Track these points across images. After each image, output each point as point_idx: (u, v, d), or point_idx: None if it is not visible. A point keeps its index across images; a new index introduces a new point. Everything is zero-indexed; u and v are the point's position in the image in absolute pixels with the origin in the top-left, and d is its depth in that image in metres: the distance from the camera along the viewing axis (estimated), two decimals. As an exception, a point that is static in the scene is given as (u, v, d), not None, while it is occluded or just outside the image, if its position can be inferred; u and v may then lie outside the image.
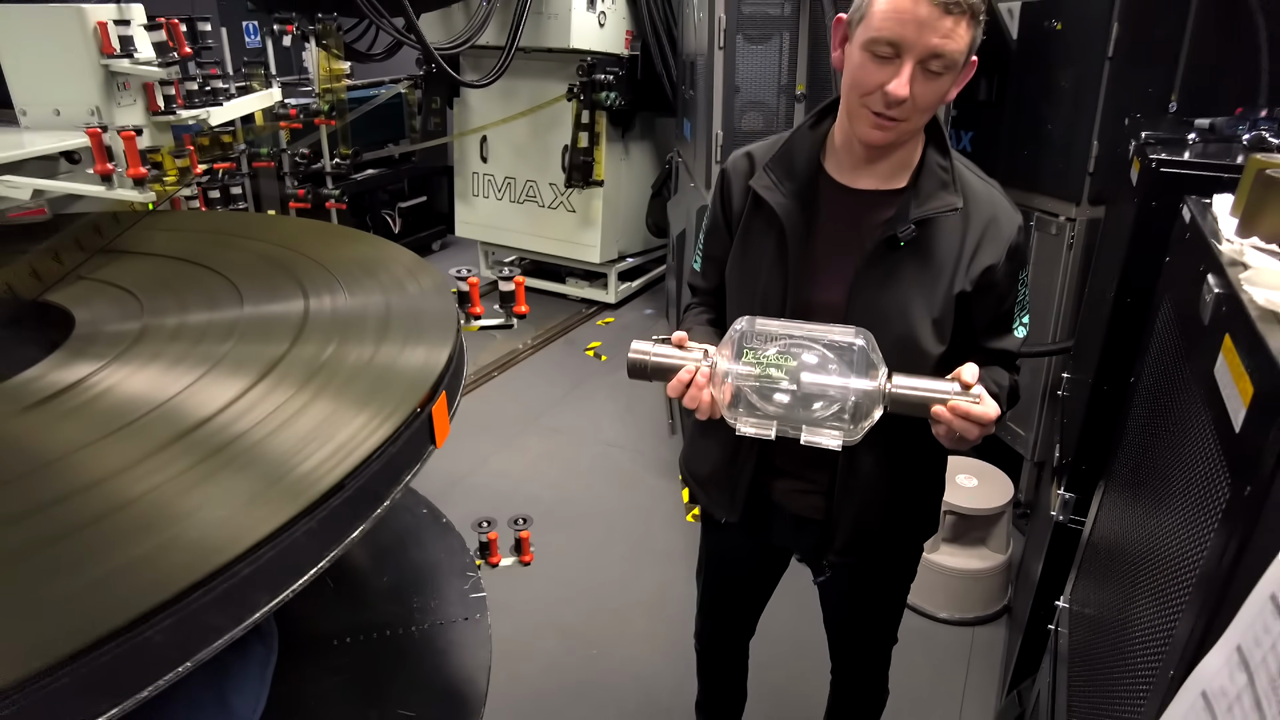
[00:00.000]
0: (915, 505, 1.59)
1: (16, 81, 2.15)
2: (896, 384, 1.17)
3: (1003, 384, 1.40)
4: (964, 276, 1.33)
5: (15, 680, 0.70)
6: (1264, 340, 0.73)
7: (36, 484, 1.05)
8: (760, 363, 1.18)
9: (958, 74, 1.22)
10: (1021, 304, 1.43)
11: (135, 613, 0.77)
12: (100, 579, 0.84)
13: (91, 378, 1.33)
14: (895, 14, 1.15)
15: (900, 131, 1.26)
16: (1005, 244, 1.34)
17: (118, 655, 0.76)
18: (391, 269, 1.69)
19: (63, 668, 0.73)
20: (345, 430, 1.09)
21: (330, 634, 1.75)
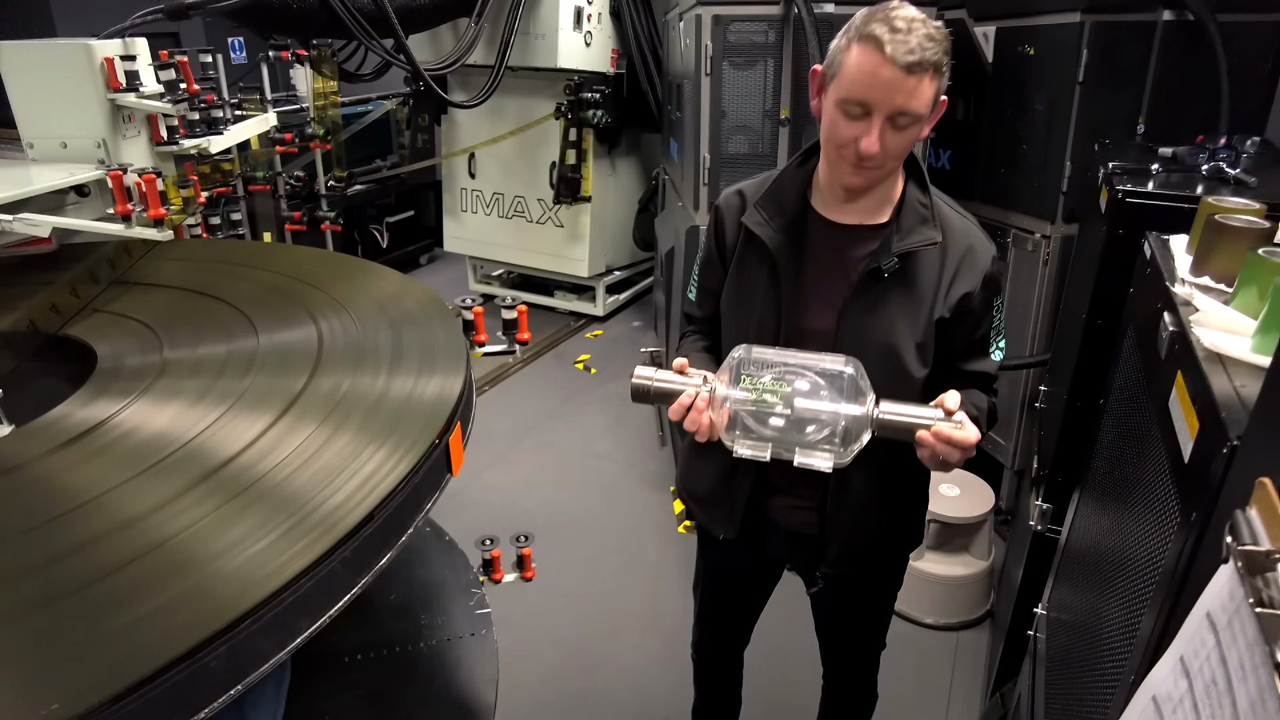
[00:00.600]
0: (902, 519, 1.68)
1: (24, 116, 2.20)
2: (884, 410, 1.26)
3: (981, 406, 1.49)
4: (943, 304, 1.42)
5: (89, 707, 0.77)
6: (1208, 381, 0.82)
7: (76, 522, 1.11)
8: (756, 389, 1.26)
9: (925, 120, 1.32)
10: (997, 329, 1.52)
11: (194, 641, 0.84)
12: (155, 611, 0.91)
13: (117, 416, 1.39)
14: (863, 77, 1.25)
15: (873, 178, 1.36)
16: (981, 273, 1.44)
17: (179, 681, 0.83)
18: (401, 301, 1.76)
19: (131, 694, 0.79)
20: (370, 464, 1.16)
21: (342, 651, 1.81)
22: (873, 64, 1.22)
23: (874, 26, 1.22)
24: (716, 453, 1.52)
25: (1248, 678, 0.51)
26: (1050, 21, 2.88)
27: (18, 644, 0.90)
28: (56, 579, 1.01)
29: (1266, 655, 0.48)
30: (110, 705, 0.78)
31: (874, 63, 1.22)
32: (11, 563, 1.05)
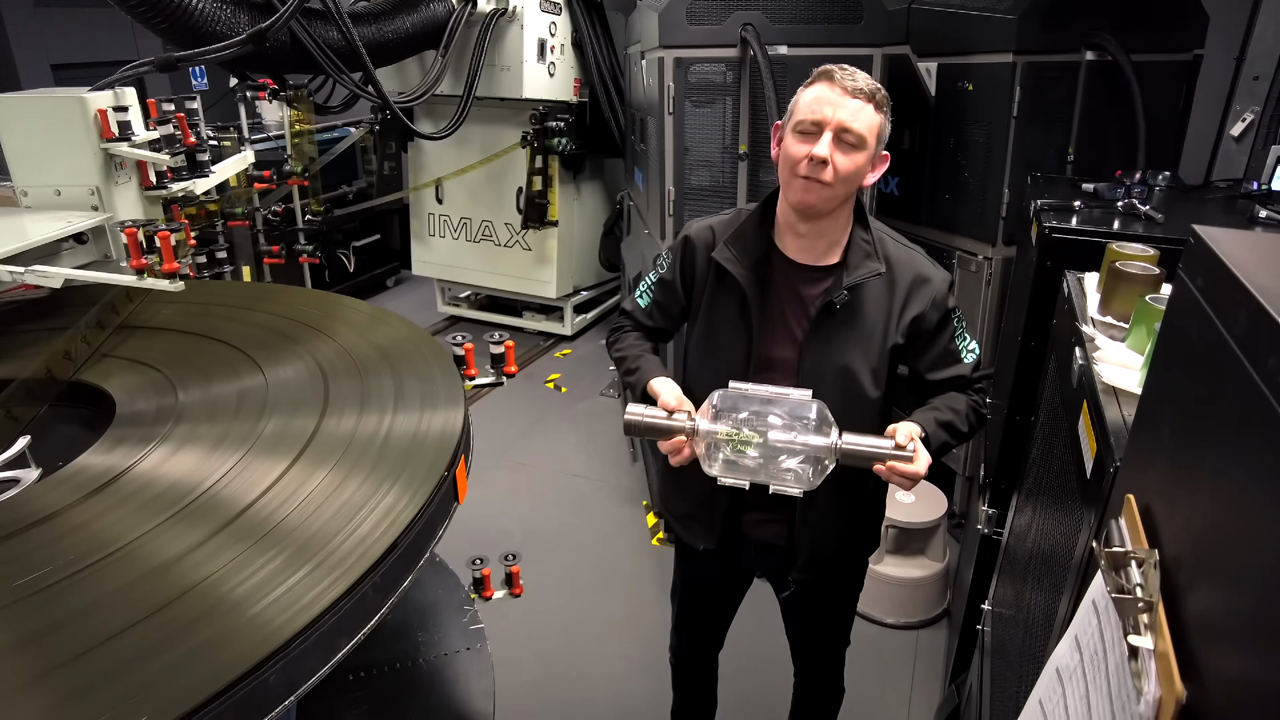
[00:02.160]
0: (862, 528, 1.86)
1: (18, 165, 2.28)
2: (845, 442, 1.42)
3: (958, 408, 1.63)
4: (895, 330, 1.60)
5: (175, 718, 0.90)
6: (1104, 412, 1.01)
7: (118, 566, 1.22)
8: (735, 428, 1.43)
9: (870, 157, 1.50)
10: (961, 336, 1.67)
11: (256, 659, 0.97)
12: (213, 639, 1.03)
13: (141, 463, 1.49)
14: (814, 101, 1.47)
15: (824, 196, 1.50)
16: (931, 297, 1.60)
17: (247, 693, 0.95)
18: (397, 340, 1.88)
19: (209, 704, 0.92)
20: (388, 498, 1.30)
21: (345, 670, 1.92)
22: (823, 90, 1.45)
23: (825, 67, 1.47)
24: (696, 474, 1.70)
25: (1114, 648, 0.68)
26: (986, 60, 3.11)
27: (94, 671, 1.01)
28: (111, 617, 1.12)
29: (1123, 630, 0.66)
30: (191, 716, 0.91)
31: (824, 89, 1.45)
32: (65, 606, 1.16)
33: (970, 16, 3.12)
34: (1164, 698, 0.57)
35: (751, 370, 1.63)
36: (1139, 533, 0.73)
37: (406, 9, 4.36)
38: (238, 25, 3.53)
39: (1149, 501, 0.75)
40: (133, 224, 1.75)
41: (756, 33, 2.91)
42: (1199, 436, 0.66)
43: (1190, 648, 0.59)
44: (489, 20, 4.56)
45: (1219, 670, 0.54)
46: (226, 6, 3.49)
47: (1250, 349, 0.56)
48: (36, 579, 1.21)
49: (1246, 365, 0.56)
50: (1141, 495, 0.77)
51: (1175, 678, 0.57)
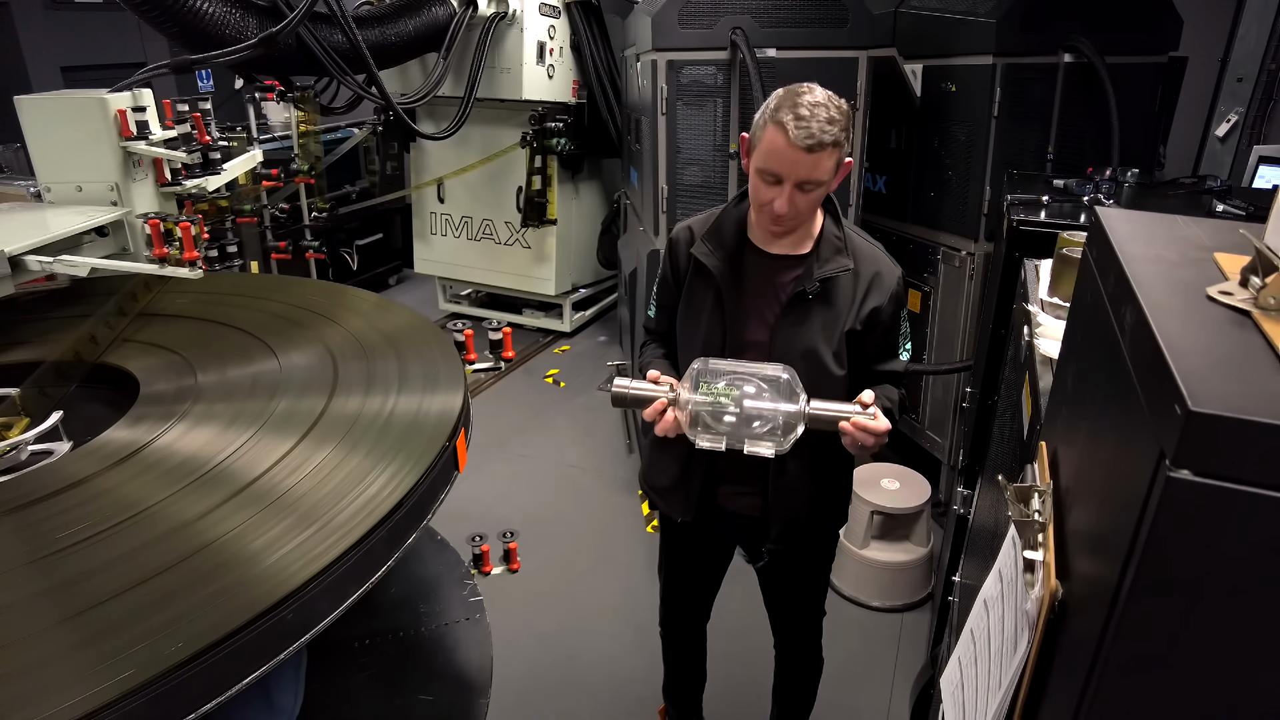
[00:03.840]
0: (830, 502, 1.98)
1: (41, 163, 2.40)
2: (813, 406, 1.55)
3: (893, 398, 1.80)
4: (854, 318, 1.73)
5: (207, 644, 1.01)
6: (1038, 380, 1.12)
7: (142, 525, 1.34)
8: (712, 393, 1.55)
9: (830, 182, 1.62)
10: (904, 335, 1.83)
11: (276, 598, 1.08)
12: (238, 582, 1.15)
13: (162, 437, 1.61)
14: (774, 154, 1.57)
15: (790, 227, 1.68)
16: (888, 291, 1.74)
17: (267, 628, 1.07)
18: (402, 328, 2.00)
19: (235, 636, 1.04)
20: (395, 462, 1.41)
21: (351, 639, 2.04)
22: (781, 145, 1.54)
23: (782, 114, 1.53)
24: (675, 449, 1.82)
25: (1018, 562, 0.80)
26: (967, 62, 3.23)
27: (127, 610, 1.13)
28: (139, 567, 1.24)
29: (1020, 544, 0.77)
30: (220, 645, 1.02)
31: (782, 144, 1.54)
32: (99, 556, 1.28)
33: (951, 20, 3.24)
34: (1044, 594, 0.69)
35: (727, 353, 1.76)
36: (1044, 471, 0.85)
37: (409, 12, 4.48)
38: (246, 29, 3.66)
39: (1055, 446, 0.86)
40: (155, 215, 1.86)
41: (745, 36, 3.03)
42: (1086, 384, 0.77)
43: (1065, 555, 0.70)
44: (489, 23, 4.68)
45: (1079, 571, 0.65)
46: (235, 11, 3.61)
47: (1114, 303, 0.68)
48: (71, 534, 1.32)
49: (1111, 317, 0.68)
50: (1051, 442, 0.89)
51: (1053, 578, 0.69)
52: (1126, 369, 0.60)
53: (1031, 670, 0.71)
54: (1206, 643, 0.49)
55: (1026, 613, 0.71)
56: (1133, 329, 0.60)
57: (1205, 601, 0.48)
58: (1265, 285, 0.57)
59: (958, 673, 1.00)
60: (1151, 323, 0.55)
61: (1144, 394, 0.53)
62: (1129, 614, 0.51)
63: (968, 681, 0.95)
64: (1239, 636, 0.48)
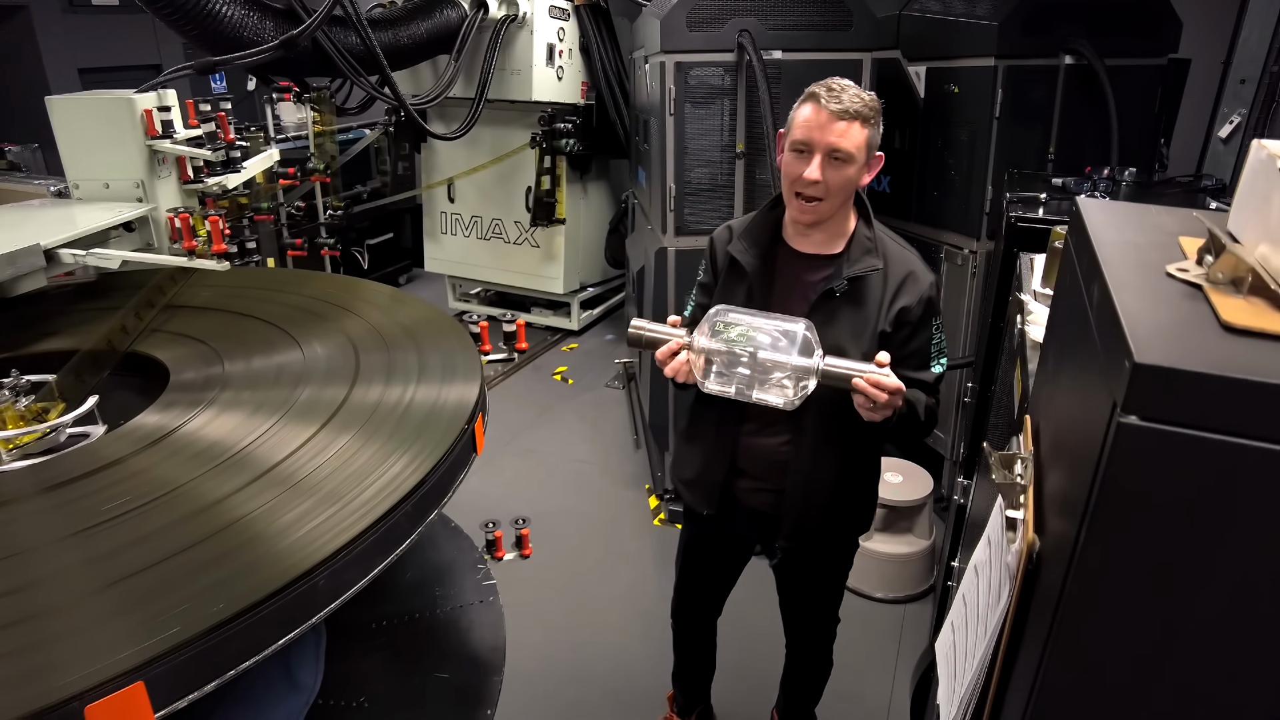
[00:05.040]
0: (851, 507, 2.00)
1: (71, 160, 2.49)
2: (827, 362, 1.55)
3: (920, 401, 1.80)
4: (884, 318, 1.75)
5: (246, 605, 1.09)
6: (1028, 363, 1.19)
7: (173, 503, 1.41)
8: (727, 340, 1.58)
9: (862, 165, 1.67)
10: (938, 346, 1.82)
11: (309, 565, 1.16)
12: (270, 554, 1.22)
13: (191, 421, 1.68)
14: (805, 123, 1.65)
15: (819, 212, 1.71)
16: (919, 294, 1.75)
17: (298, 595, 1.14)
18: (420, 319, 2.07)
19: (271, 599, 1.11)
20: (418, 443, 1.48)
21: (368, 621, 2.11)
22: (812, 112, 1.62)
23: (815, 88, 1.63)
24: (700, 443, 1.89)
25: (1003, 523, 0.86)
26: (969, 64, 3.29)
27: (165, 578, 1.20)
28: (174, 540, 1.31)
29: (1004, 505, 0.84)
30: (259, 606, 1.09)
31: (813, 111, 1.62)
32: (136, 530, 1.35)
33: (955, 23, 3.30)
34: (1023, 547, 0.76)
35: None
36: (1028, 441, 0.91)
37: (421, 15, 4.57)
38: (263, 31, 3.74)
39: (1038, 418, 0.93)
40: (185, 210, 1.94)
41: (752, 38, 3.09)
42: (1064, 360, 0.84)
43: (1041, 513, 0.77)
44: (500, 26, 4.76)
45: (1051, 527, 0.72)
46: (253, 14, 3.69)
47: (1086, 282, 0.75)
48: (108, 510, 1.39)
49: (1084, 296, 0.75)
50: (1034, 415, 0.96)
51: (1030, 532, 0.76)
52: (1093, 339, 0.66)
53: (1012, 619, 0.78)
54: (1152, 569, 0.56)
55: (1008, 565, 0.78)
56: (1098, 303, 0.66)
57: (1150, 532, 0.55)
58: (1214, 263, 0.63)
59: (950, 636, 1.07)
60: (1113, 295, 0.62)
61: (1104, 356, 0.60)
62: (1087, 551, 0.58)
63: (959, 643, 1.02)
64: (1177, 563, 0.54)
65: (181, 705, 1.04)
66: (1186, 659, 0.57)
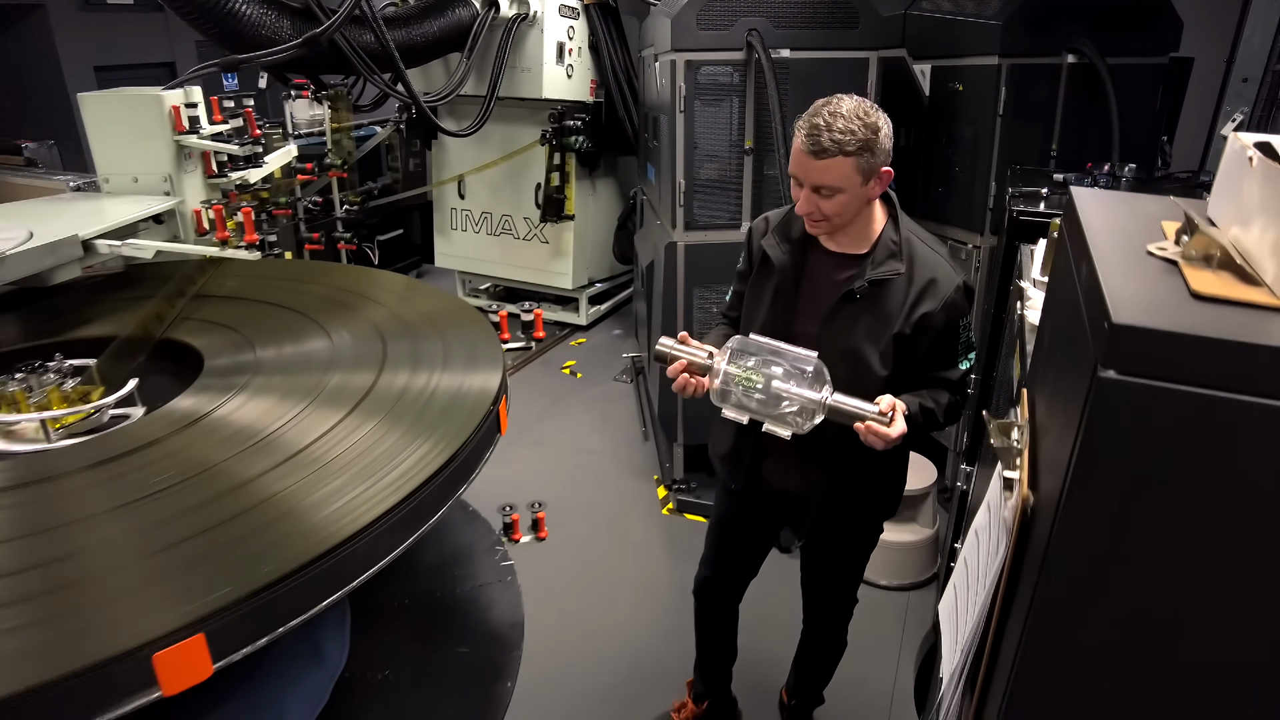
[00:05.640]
0: (877, 491, 2.06)
1: (101, 155, 2.57)
2: (834, 399, 1.64)
3: (940, 401, 1.84)
4: (904, 322, 1.78)
5: (294, 568, 1.16)
6: (1027, 345, 1.26)
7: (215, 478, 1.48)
8: (743, 370, 1.67)
9: (858, 189, 1.68)
10: (965, 344, 1.83)
11: (350, 531, 1.23)
12: (313, 523, 1.30)
13: (224, 405, 1.75)
14: (793, 158, 1.69)
15: (825, 229, 1.77)
16: (942, 299, 1.76)
17: (342, 558, 1.22)
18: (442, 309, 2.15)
19: (317, 562, 1.19)
20: (447, 423, 1.56)
21: (391, 600, 2.19)
22: (796, 150, 1.67)
23: (801, 121, 1.65)
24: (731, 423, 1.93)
25: (1001, 485, 0.94)
26: (974, 63, 3.36)
27: (216, 544, 1.28)
28: (214, 513, 1.38)
29: (1002, 467, 0.91)
30: (305, 569, 1.17)
31: (796, 149, 1.66)
32: (178, 504, 1.43)
33: (959, 22, 3.37)
34: (1018, 502, 0.83)
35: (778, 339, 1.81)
36: (1024, 412, 0.99)
37: (434, 14, 4.64)
38: (281, 30, 3.82)
39: (1034, 392, 1.01)
40: (219, 201, 2.02)
41: (761, 37, 3.16)
42: (1057, 336, 0.91)
43: (1035, 474, 0.85)
44: (511, 24, 4.84)
45: (1044, 484, 0.79)
46: (271, 13, 3.77)
47: (1076, 261, 0.82)
48: (149, 485, 1.47)
49: (1074, 275, 0.82)
50: (1031, 389, 1.03)
51: (1025, 488, 0.83)
52: (1081, 311, 0.74)
53: (1007, 570, 0.85)
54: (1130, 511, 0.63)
55: (1004, 519, 0.86)
56: (1086, 278, 0.74)
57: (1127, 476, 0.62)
58: (1188, 242, 0.71)
59: (953, 596, 1.14)
60: (1098, 270, 0.69)
61: (1089, 324, 0.68)
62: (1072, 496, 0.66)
63: (960, 602, 1.09)
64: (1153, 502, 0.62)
65: (237, 658, 1.12)
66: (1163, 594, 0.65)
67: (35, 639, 1.09)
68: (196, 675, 1.09)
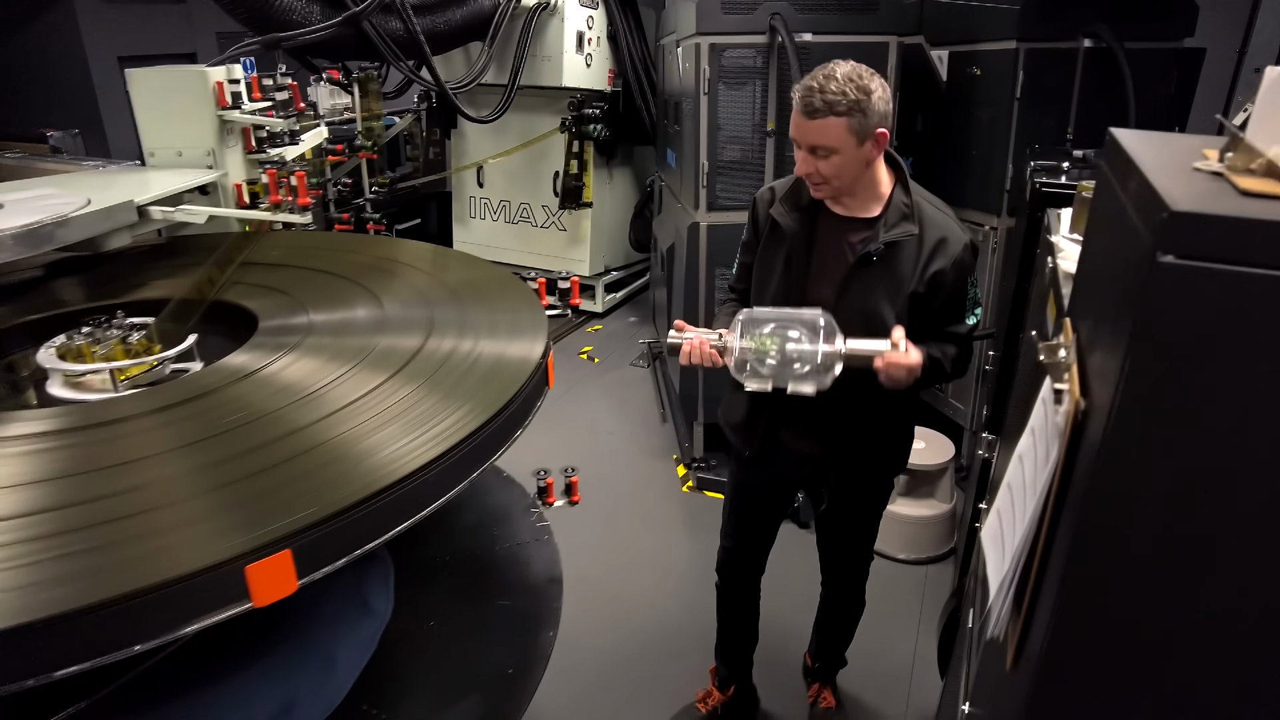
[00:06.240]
0: (889, 449, 2.13)
1: (147, 129, 2.65)
2: (849, 345, 1.69)
3: (948, 353, 1.91)
4: (918, 280, 1.85)
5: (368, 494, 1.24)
6: (1061, 288, 1.33)
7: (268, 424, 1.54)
8: (756, 340, 1.72)
9: (855, 149, 1.74)
10: (971, 299, 1.92)
11: (415, 466, 1.30)
12: (382, 459, 1.36)
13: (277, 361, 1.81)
14: (791, 121, 1.76)
15: (827, 191, 1.83)
16: (952, 257, 1.83)
17: (408, 491, 1.28)
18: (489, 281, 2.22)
19: (391, 489, 1.26)
20: (506, 370, 1.63)
21: (432, 557, 2.26)
22: (794, 113, 1.74)
23: (799, 84, 1.73)
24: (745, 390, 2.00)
25: (1049, 398, 1.00)
26: (992, 48, 3.42)
27: (287, 476, 1.35)
28: (282, 450, 1.45)
29: (1051, 382, 0.98)
30: (381, 494, 1.24)
31: (794, 112, 1.74)
32: (243, 443, 1.49)
33: (978, 7, 3.43)
34: (1070, 407, 0.90)
35: (797, 305, 1.86)
36: (1069, 332, 1.06)
37: (456, 2, 4.72)
38: (310, 15, 3.90)
39: (1076, 318, 1.07)
40: (272, 166, 2.09)
41: (784, 21, 3.23)
42: (1099, 263, 0.98)
43: (1086, 382, 0.91)
44: (532, 13, 4.91)
45: (1093, 390, 0.86)
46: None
47: (1122, 182, 0.89)
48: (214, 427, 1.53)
49: (1120, 194, 0.89)
50: (1073, 317, 1.10)
51: (1077, 392, 0.90)
52: (1131, 223, 0.81)
53: (1059, 475, 0.92)
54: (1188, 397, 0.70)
55: (1057, 425, 0.92)
56: (1135, 190, 0.81)
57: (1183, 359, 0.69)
58: (1233, 156, 0.78)
59: (997, 521, 1.21)
60: (1149, 178, 0.76)
61: (1141, 224, 0.75)
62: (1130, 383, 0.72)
63: (1005, 521, 1.16)
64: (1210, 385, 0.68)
65: (318, 576, 1.19)
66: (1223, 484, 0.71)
67: (130, 552, 1.16)
68: (283, 589, 1.16)
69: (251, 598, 1.13)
